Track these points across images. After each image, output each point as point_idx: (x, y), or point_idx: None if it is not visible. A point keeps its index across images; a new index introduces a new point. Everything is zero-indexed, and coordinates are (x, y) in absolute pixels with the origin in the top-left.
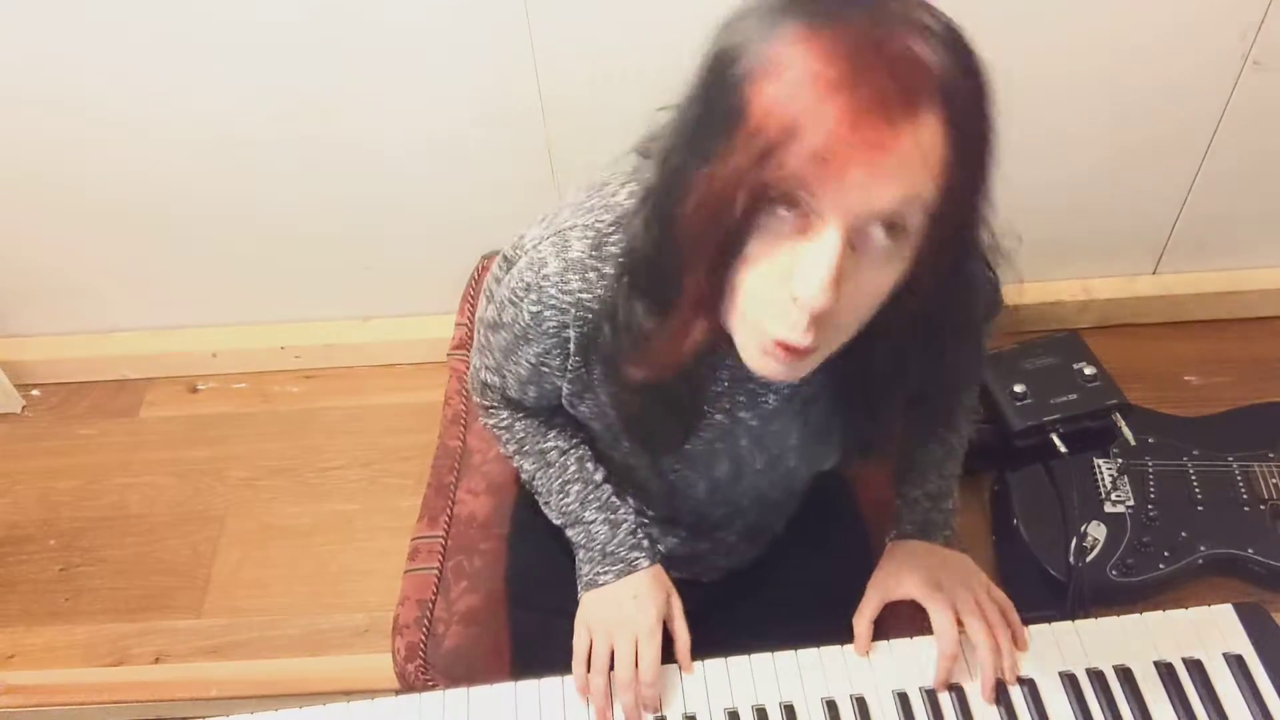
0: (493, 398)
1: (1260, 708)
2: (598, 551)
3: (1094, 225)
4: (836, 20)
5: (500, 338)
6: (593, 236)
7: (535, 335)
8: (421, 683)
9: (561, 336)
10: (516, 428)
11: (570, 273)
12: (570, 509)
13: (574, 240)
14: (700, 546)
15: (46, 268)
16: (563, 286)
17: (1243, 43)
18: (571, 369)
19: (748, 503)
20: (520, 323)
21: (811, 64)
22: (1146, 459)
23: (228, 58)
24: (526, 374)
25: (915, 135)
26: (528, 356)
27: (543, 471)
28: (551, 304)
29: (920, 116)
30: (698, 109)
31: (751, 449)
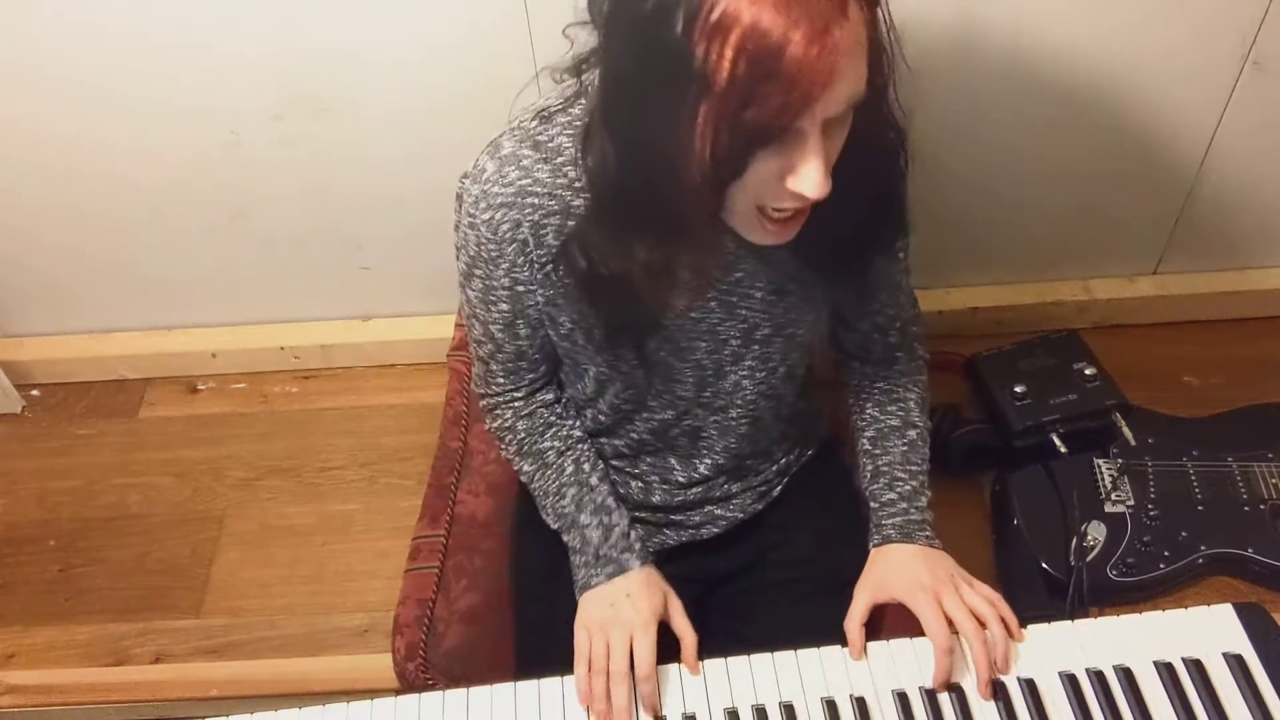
0: (496, 382)
1: (1260, 708)
2: (591, 554)
3: (1094, 225)
4: None
5: (476, 284)
6: (519, 132)
7: (498, 249)
8: (421, 682)
9: (519, 238)
10: (518, 428)
11: (506, 165)
12: (566, 512)
13: (504, 141)
14: (694, 491)
15: (46, 268)
16: (503, 181)
17: (1243, 43)
18: (538, 263)
19: (737, 411)
20: (482, 242)
21: (755, 15)
22: (1146, 459)
23: (227, 57)
24: (508, 309)
25: (852, 30)
26: (501, 282)
27: (541, 473)
28: (499, 203)
29: (849, 13)
30: (637, 70)
31: (722, 315)
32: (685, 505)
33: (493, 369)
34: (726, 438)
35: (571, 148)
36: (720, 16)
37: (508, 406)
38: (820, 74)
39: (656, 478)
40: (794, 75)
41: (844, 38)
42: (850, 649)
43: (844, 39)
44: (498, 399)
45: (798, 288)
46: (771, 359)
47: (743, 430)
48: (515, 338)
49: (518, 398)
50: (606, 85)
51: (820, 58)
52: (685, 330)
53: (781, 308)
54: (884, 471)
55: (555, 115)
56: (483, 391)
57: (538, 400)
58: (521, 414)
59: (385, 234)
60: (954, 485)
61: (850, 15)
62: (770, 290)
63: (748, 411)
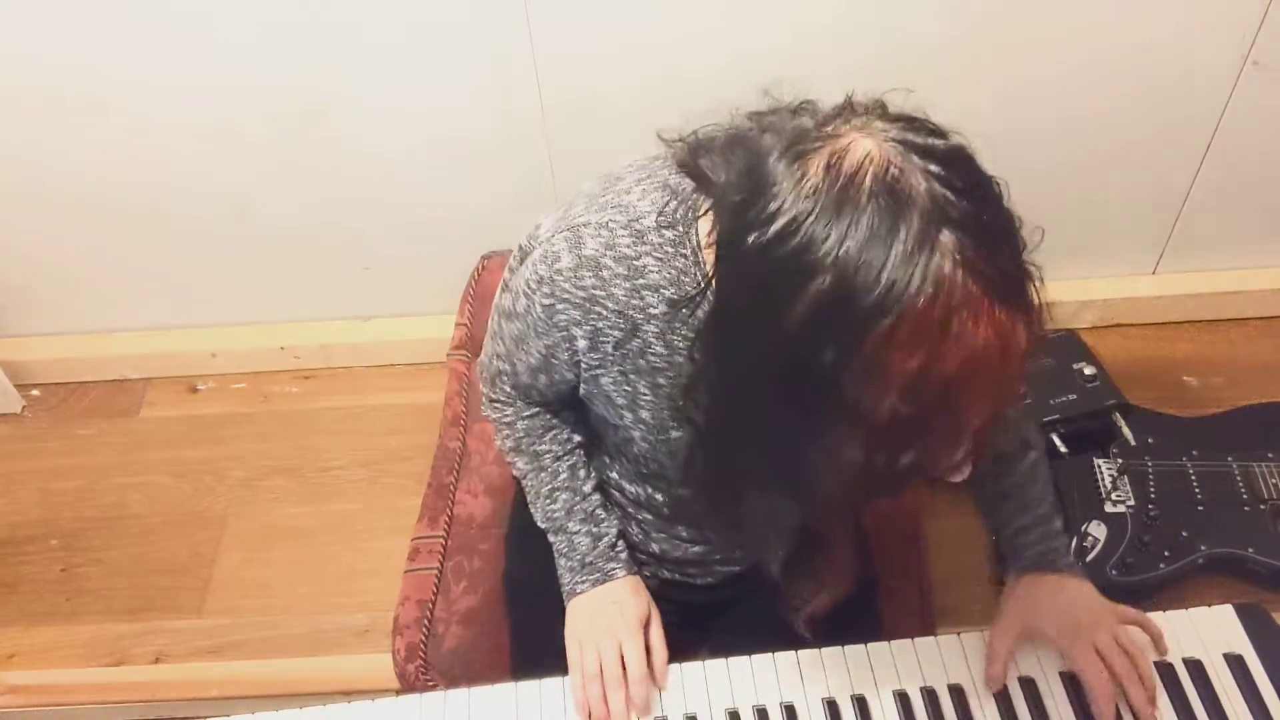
0: (503, 389)
1: (1260, 708)
2: (578, 561)
3: (1094, 225)
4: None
5: (513, 326)
6: (606, 236)
7: (545, 329)
8: (422, 683)
9: (569, 333)
10: (519, 426)
11: (584, 269)
12: (556, 516)
13: (587, 237)
14: (695, 550)
15: (46, 268)
16: (576, 282)
17: (1243, 43)
18: (586, 367)
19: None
20: (533, 314)
21: (924, 366)
22: (1146, 459)
23: (227, 57)
24: (537, 363)
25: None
26: (538, 348)
27: (535, 474)
28: (564, 298)
29: (1021, 344)
30: (774, 393)
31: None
32: (684, 561)
33: (503, 380)
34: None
35: (658, 273)
36: (881, 359)
37: (509, 406)
38: (994, 416)
39: (660, 534)
40: (963, 428)
41: (1020, 355)
42: (989, 683)
43: (1020, 356)
44: (501, 399)
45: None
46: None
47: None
48: (534, 379)
49: (521, 403)
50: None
51: (997, 405)
52: None
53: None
54: (1011, 496)
55: (648, 234)
56: (487, 388)
57: (541, 405)
58: (523, 414)
59: (385, 234)
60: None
61: (1019, 328)
62: None
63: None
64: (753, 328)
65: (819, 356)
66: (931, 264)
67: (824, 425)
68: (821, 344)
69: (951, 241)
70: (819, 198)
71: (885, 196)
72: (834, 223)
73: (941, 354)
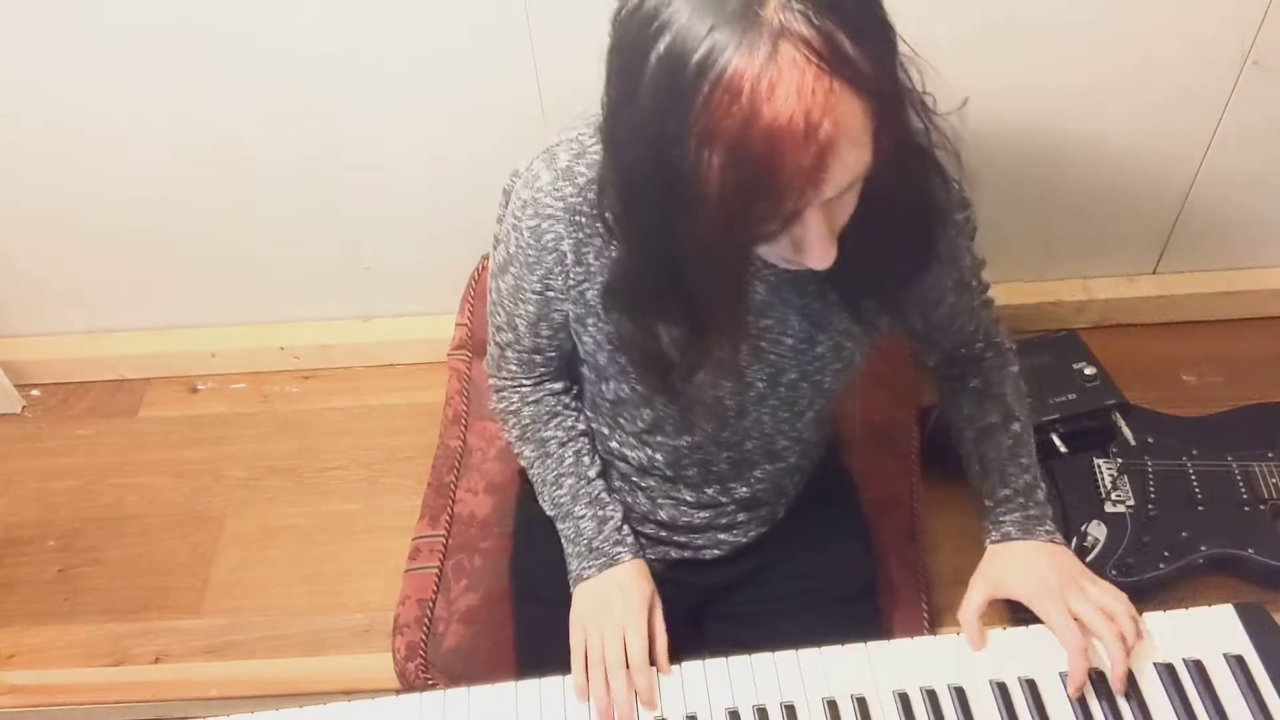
0: (508, 368)
1: (1260, 708)
2: (584, 546)
3: (1094, 225)
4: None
5: (508, 279)
6: (576, 147)
7: (537, 254)
8: (422, 682)
9: (559, 251)
10: (524, 413)
11: (560, 180)
12: (562, 501)
13: (560, 152)
14: (702, 515)
15: (46, 267)
16: (555, 194)
17: (1243, 43)
18: (574, 283)
19: (753, 446)
20: (523, 244)
21: (739, 131)
22: (1146, 459)
23: (227, 58)
24: (535, 310)
25: (845, 133)
26: (533, 286)
27: (541, 461)
28: (547, 213)
29: (838, 114)
30: (641, 161)
31: (750, 359)
32: (691, 528)
33: (507, 355)
34: (739, 469)
35: None
36: (705, 126)
37: (515, 391)
38: (809, 183)
39: (663, 496)
40: (781, 192)
41: (836, 136)
42: (969, 642)
43: (836, 137)
44: (506, 383)
45: (828, 338)
46: (797, 403)
47: (756, 464)
48: (536, 335)
49: (526, 384)
50: (610, 145)
51: (809, 169)
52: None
53: (810, 356)
54: (994, 470)
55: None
56: (493, 374)
57: (545, 389)
58: (529, 400)
59: (386, 234)
60: (953, 483)
61: (841, 111)
62: (801, 339)
63: (763, 446)
64: (623, 111)
65: (665, 127)
66: (751, 27)
67: (680, 196)
68: (666, 112)
69: (777, 9)
70: None
71: None
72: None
73: (756, 115)
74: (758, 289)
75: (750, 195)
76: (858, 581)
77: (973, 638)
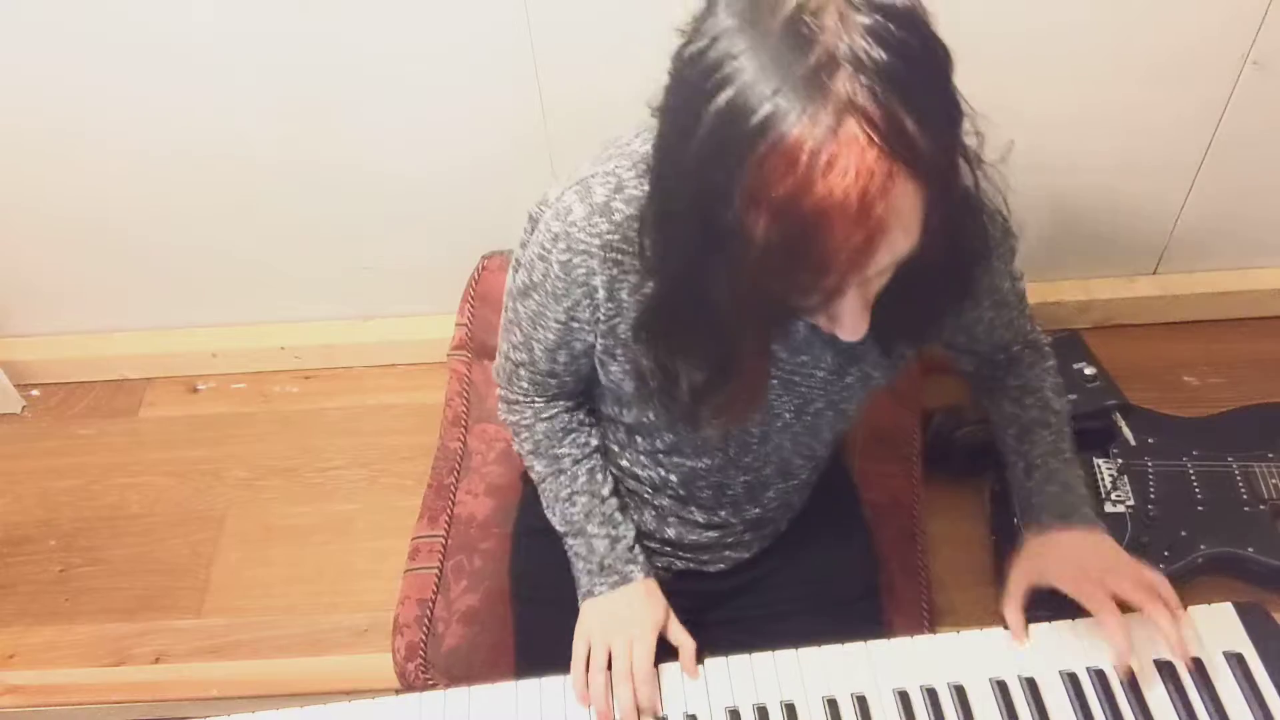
0: (519, 385)
1: (1260, 707)
2: (596, 564)
3: (1094, 225)
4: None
5: (529, 304)
6: (613, 181)
7: (565, 287)
8: (422, 682)
9: (589, 285)
10: (538, 429)
11: (596, 215)
12: (575, 519)
13: (596, 186)
14: (709, 535)
15: (46, 267)
16: (589, 230)
17: (1243, 43)
18: (604, 318)
19: (770, 470)
20: (551, 276)
21: (791, 193)
22: (1146, 459)
23: (227, 57)
24: (555, 338)
25: (896, 215)
26: (557, 315)
27: (554, 477)
28: (580, 249)
29: (892, 195)
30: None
31: (780, 392)
32: (697, 546)
33: (520, 374)
34: (754, 492)
35: None
36: (757, 185)
37: (528, 406)
38: (854, 263)
39: (673, 515)
40: (824, 265)
41: (887, 216)
42: (1012, 632)
43: (887, 218)
44: (520, 398)
45: (858, 370)
46: (820, 430)
47: (769, 483)
48: (553, 361)
49: (539, 402)
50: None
51: (855, 249)
52: None
53: (839, 387)
54: (1038, 465)
55: (637, 147)
56: (504, 387)
57: (560, 404)
58: (542, 415)
59: (386, 234)
60: (954, 485)
61: (896, 192)
62: (831, 371)
63: (781, 469)
64: (674, 154)
65: (714, 177)
66: (817, 96)
67: (719, 247)
68: (717, 164)
69: (846, 81)
70: (741, 17)
71: (797, 24)
72: (746, 41)
73: (810, 186)
74: (798, 328)
75: (792, 263)
76: (859, 584)
77: (1016, 629)
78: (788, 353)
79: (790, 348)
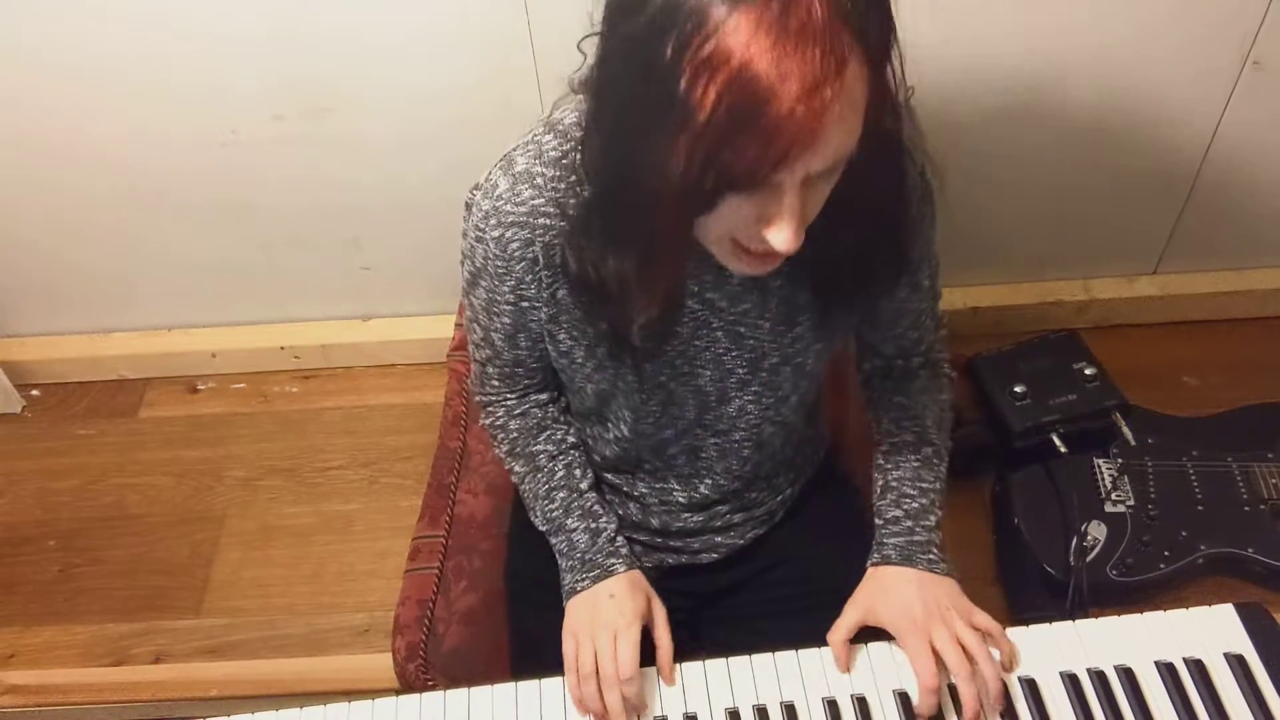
0: (490, 383)
1: (1261, 707)
2: (578, 560)
3: (1094, 225)
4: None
5: (479, 293)
6: (534, 148)
7: (505, 264)
8: (422, 682)
9: (529, 257)
10: (511, 427)
11: (520, 184)
12: (554, 515)
13: (517, 156)
14: (696, 519)
15: (46, 268)
16: (516, 200)
17: (1243, 43)
18: (545, 284)
19: (740, 434)
20: (490, 256)
21: (746, 57)
22: (1146, 459)
23: (229, 56)
24: (510, 322)
25: (848, 88)
26: (506, 298)
27: (531, 475)
28: (510, 221)
29: (846, 74)
30: (625, 84)
31: (729, 345)
32: (685, 532)
33: (489, 371)
34: (728, 459)
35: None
36: (710, 52)
37: (500, 405)
38: (803, 133)
39: (655, 500)
40: (774, 131)
41: (837, 96)
42: (835, 662)
43: (836, 98)
44: (492, 398)
45: (807, 318)
46: (780, 387)
47: (745, 453)
48: (515, 347)
49: (511, 398)
50: (598, 92)
51: (806, 117)
52: (689, 357)
53: (790, 338)
54: (893, 487)
55: (571, 130)
56: (478, 392)
57: (531, 400)
58: (514, 413)
59: (385, 234)
60: (954, 486)
61: (848, 73)
62: (779, 320)
63: (751, 435)
64: (620, 29)
65: (663, 46)
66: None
67: (660, 122)
68: (668, 30)
69: None
70: None
71: None
72: None
73: (768, 50)
74: (731, 276)
75: (739, 128)
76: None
77: (838, 658)
78: (728, 300)
79: (729, 295)
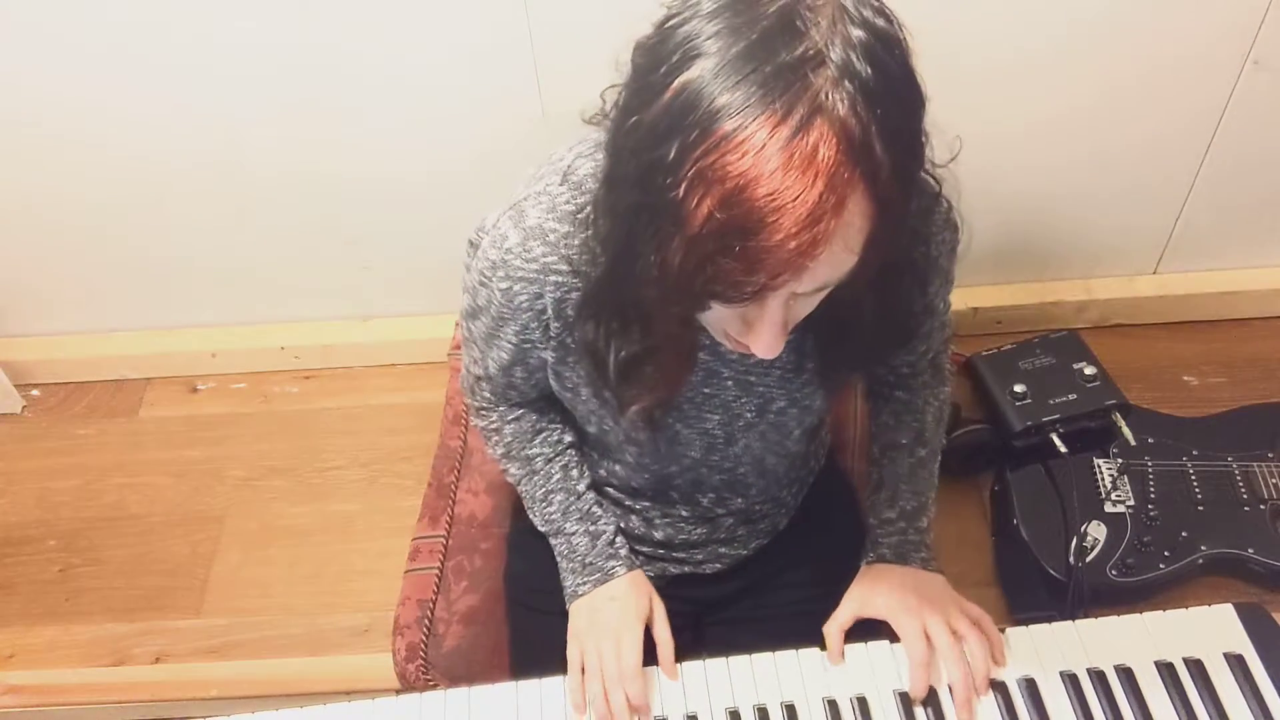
0: (483, 395)
1: (1260, 707)
2: (578, 563)
3: (1094, 225)
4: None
5: (480, 324)
6: (546, 200)
7: (510, 313)
8: (422, 683)
9: (536, 309)
10: (505, 431)
11: (531, 240)
12: (553, 518)
13: (528, 208)
14: (699, 531)
15: (46, 268)
16: (526, 255)
17: (1243, 43)
18: (554, 334)
19: (745, 469)
20: (495, 302)
21: (743, 181)
22: (1146, 459)
23: (226, 57)
24: (509, 355)
25: (843, 229)
26: (508, 337)
27: (528, 478)
28: (519, 276)
29: (845, 212)
30: (634, 179)
31: (738, 394)
32: (689, 544)
33: (482, 385)
34: (733, 487)
35: None
36: (708, 166)
37: (493, 410)
38: (790, 266)
39: (659, 515)
40: (761, 258)
41: (832, 234)
42: (829, 654)
43: (831, 235)
44: (484, 405)
45: (815, 364)
46: (786, 426)
47: (749, 481)
48: (510, 375)
49: (503, 405)
50: (607, 178)
51: (795, 252)
52: (697, 404)
53: (799, 383)
54: (887, 484)
55: (585, 182)
56: (469, 396)
57: (526, 406)
58: (508, 418)
59: (385, 234)
60: (954, 485)
61: (848, 210)
62: (789, 369)
63: (755, 467)
64: (630, 122)
65: (665, 149)
66: (795, 87)
67: (659, 216)
68: (672, 135)
69: (829, 84)
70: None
71: (792, 13)
72: (729, 19)
73: (766, 177)
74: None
75: (726, 249)
76: None
77: (833, 650)
78: (737, 353)
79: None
